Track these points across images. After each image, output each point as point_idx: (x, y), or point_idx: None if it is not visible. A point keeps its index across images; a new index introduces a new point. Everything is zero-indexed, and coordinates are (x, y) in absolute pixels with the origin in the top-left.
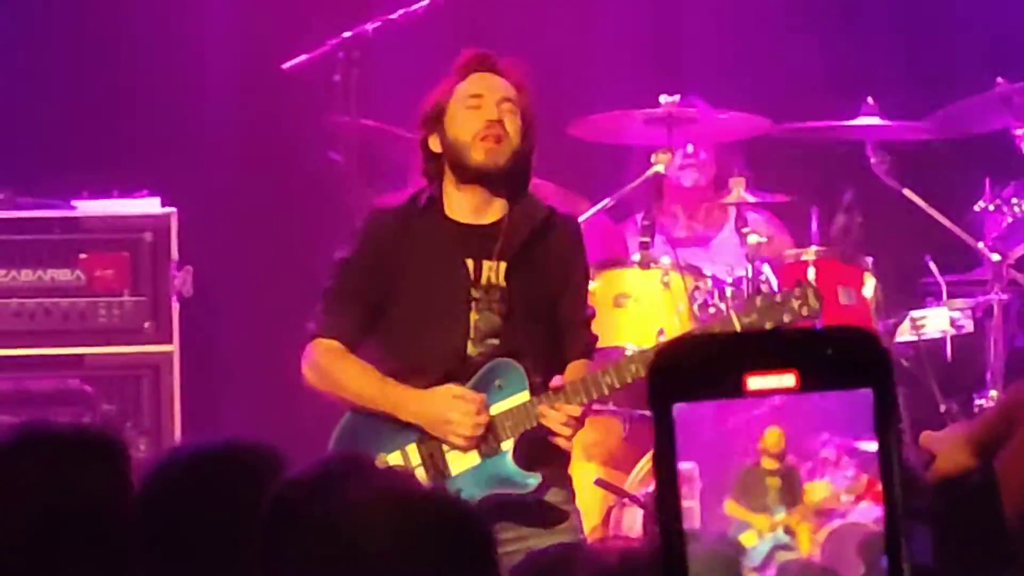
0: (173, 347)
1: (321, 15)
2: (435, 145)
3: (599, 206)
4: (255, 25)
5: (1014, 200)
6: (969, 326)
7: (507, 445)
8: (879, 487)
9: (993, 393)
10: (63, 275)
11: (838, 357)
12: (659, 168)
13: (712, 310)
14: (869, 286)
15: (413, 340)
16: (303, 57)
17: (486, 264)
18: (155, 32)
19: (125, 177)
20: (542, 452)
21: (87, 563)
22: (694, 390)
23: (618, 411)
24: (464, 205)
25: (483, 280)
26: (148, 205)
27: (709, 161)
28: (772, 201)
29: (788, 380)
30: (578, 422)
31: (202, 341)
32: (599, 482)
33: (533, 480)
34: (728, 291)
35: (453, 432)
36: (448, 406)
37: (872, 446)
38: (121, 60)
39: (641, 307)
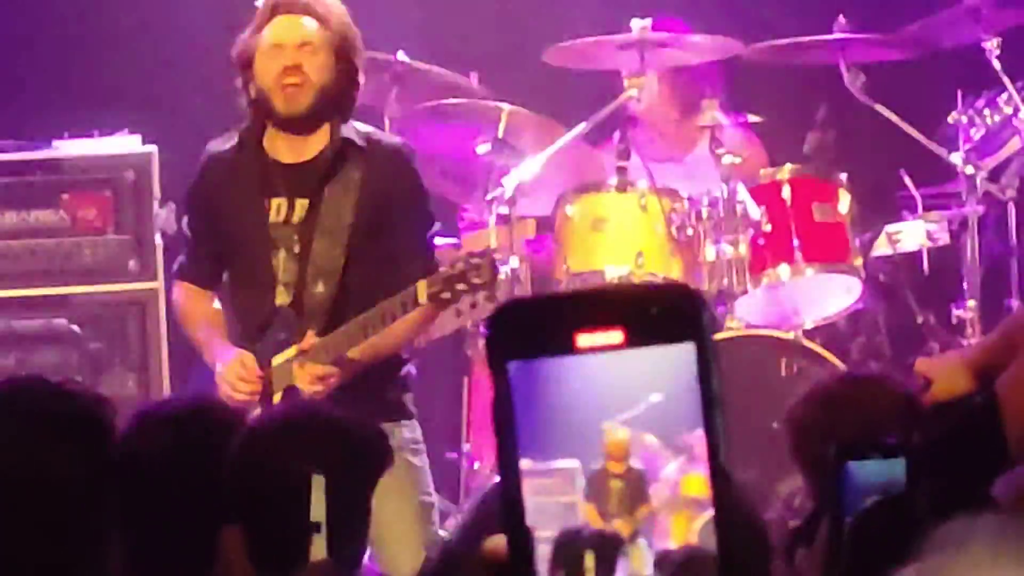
0: (158, 284)
1: None
2: (252, 91)
3: (574, 132)
4: None
5: (986, 112)
6: (945, 238)
7: (277, 398)
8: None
9: (971, 303)
10: (46, 216)
11: (661, 313)
12: (632, 93)
13: (689, 231)
14: (844, 202)
15: (234, 286)
16: None
17: (298, 203)
18: None
19: (105, 116)
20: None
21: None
22: (528, 348)
23: None
24: (281, 145)
25: (294, 219)
26: (129, 144)
27: (665, 91)
28: (745, 122)
29: (616, 337)
30: (324, 380)
31: None
32: None
33: None
34: (704, 212)
35: (229, 393)
36: (229, 370)
37: None
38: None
39: (619, 230)
